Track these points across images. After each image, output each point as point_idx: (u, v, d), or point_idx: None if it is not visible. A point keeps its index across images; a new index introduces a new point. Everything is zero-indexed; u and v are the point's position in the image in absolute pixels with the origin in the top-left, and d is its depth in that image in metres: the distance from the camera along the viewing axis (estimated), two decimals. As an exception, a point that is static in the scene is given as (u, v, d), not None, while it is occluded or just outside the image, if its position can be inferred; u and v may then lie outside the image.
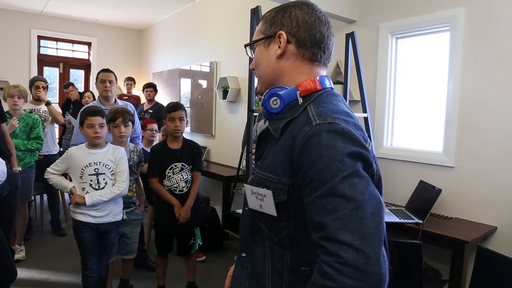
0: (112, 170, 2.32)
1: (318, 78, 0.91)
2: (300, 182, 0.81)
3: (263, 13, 1.71)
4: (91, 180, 2.26)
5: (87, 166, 2.26)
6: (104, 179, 2.29)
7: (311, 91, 0.89)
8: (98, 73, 3.11)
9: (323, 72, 0.95)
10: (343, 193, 0.73)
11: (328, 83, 0.93)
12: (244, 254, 0.99)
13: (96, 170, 2.27)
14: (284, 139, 0.86)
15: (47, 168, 2.33)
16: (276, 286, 0.90)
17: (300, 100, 0.89)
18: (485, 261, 1.90)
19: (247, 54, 1.03)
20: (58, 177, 2.31)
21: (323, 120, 0.79)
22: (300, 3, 0.94)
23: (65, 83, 5.46)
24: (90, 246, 2.26)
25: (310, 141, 0.78)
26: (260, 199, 0.89)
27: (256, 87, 1.04)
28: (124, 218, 2.48)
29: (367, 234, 0.70)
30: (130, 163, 2.55)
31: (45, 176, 2.33)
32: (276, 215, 0.86)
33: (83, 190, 2.26)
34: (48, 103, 3.83)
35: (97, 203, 2.24)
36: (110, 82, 3.04)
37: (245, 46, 1.02)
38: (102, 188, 2.27)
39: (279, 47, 0.92)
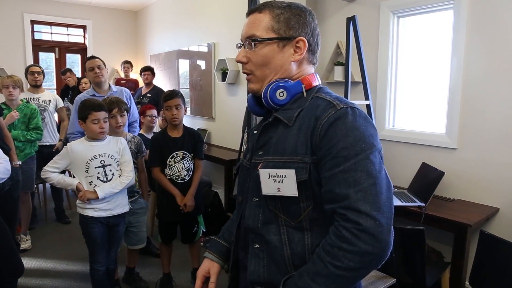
0: (118, 161, 2.28)
1: (315, 75, 1.03)
2: (319, 158, 0.88)
3: (261, 2, 1.65)
4: (98, 173, 2.21)
5: (92, 159, 2.20)
6: (111, 170, 2.24)
7: (312, 86, 1.00)
8: (85, 63, 3.07)
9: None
10: (365, 169, 0.82)
11: (318, 80, 1.04)
12: (257, 245, 0.98)
13: (102, 162, 2.22)
14: (300, 124, 0.93)
15: (44, 167, 2.22)
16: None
17: (305, 94, 0.97)
18: (487, 245, 1.91)
19: (244, 46, 1.00)
20: (59, 175, 2.23)
21: (345, 105, 0.89)
22: (309, 11, 1.00)
23: (62, 69, 5.39)
24: (100, 241, 2.24)
25: (336, 122, 0.86)
26: (279, 182, 0.91)
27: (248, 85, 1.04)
28: (130, 207, 2.49)
29: (383, 207, 0.81)
30: None
31: (42, 176, 2.22)
32: (297, 195, 0.90)
33: (90, 184, 2.20)
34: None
35: (109, 195, 2.20)
36: (99, 67, 2.99)
37: (255, 40, 0.96)
38: (110, 179, 2.24)
39: (295, 52, 0.97)
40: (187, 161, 2.58)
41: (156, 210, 3.15)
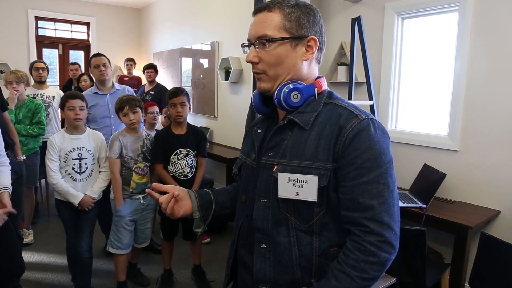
0: (93, 156, 2.46)
1: (323, 78, 1.04)
2: (339, 166, 0.91)
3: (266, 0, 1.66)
4: (74, 164, 2.40)
5: (71, 151, 2.39)
6: (85, 164, 2.43)
7: (323, 90, 1.02)
8: (90, 59, 3.09)
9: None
10: (385, 182, 0.89)
11: (325, 83, 1.06)
12: (264, 246, 1.00)
13: (80, 155, 2.41)
14: (319, 129, 0.94)
15: (50, 174, 2.35)
16: (305, 271, 0.96)
17: (316, 97, 1.00)
18: (488, 247, 1.92)
19: (255, 46, 0.97)
20: (64, 183, 2.37)
21: (366, 116, 0.93)
22: (316, 9, 1.01)
23: (72, 62, 5.39)
24: (70, 222, 2.47)
25: (361, 133, 0.90)
26: (299, 186, 0.93)
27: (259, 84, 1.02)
28: (142, 202, 2.56)
29: (396, 217, 0.90)
30: (144, 149, 2.56)
31: (51, 180, 2.36)
32: (316, 200, 0.93)
33: (65, 172, 2.39)
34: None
35: (99, 192, 2.48)
36: (104, 65, 3.03)
37: (269, 40, 0.95)
38: (84, 172, 2.42)
39: (307, 51, 0.98)
40: (191, 158, 2.59)
41: (158, 207, 3.17)
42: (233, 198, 1.21)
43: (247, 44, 1.01)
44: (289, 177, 0.94)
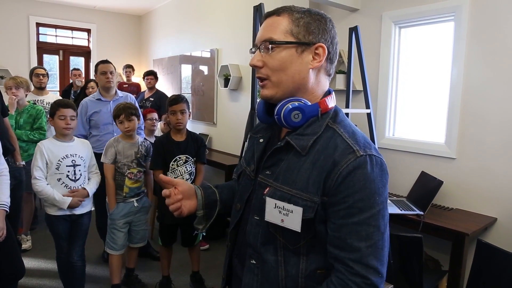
0: (85, 163, 2.44)
1: (332, 95, 0.99)
2: (331, 202, 0.87)
3: (266, 11, 1.69)
4: (68, 171, 2.35)
5: (64, 157, 2.34)
6: (79, 170, 2.39)
7: (329, 109, 0.97)
8: (97, 65, 3.12)
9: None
10: (376, 224, 0.86)
11: (334, 100, 1.01)
12: (254, 262, 0.99)
13: (73, 161, 2.37)
14: (314, 158, 0.90)
15: (33, 180, 2.26)
16: None
17: (319, 117, 0.95)
18: (484, 254, 1.93)
19: (260, 50, 0.95)
20: (50, 188, 2.29)
21: (364, 152, 0.87)
22: (330, 18, 0.96)
23: (75, 68, 5.43)
24: (64, 236, 2.40)
25: (355, 171, 0.85)
26: (285, 214, 0.91)
27: (260, 89, 0.99)
28: (135, 205, 2.61)
29: (384, 259, 0.87)
30: (138, 155, 2.61)
31: (35, 188, 2.27)
32: (299, 230, 0.90)
33: (59, 181, 2.32)
34: None
35: (93, 191, 2.46)
36: (111, 73, 3.08)
37: (273, 43, 0.92)
38: (78, 179, 2.37)
39: (314, 59, 0.93)
40: (190, 165, 2.61)
41: (156, 213, 3.18)
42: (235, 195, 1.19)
43: (255, 49, 0.98)
44: (275, 204, 0.92)
